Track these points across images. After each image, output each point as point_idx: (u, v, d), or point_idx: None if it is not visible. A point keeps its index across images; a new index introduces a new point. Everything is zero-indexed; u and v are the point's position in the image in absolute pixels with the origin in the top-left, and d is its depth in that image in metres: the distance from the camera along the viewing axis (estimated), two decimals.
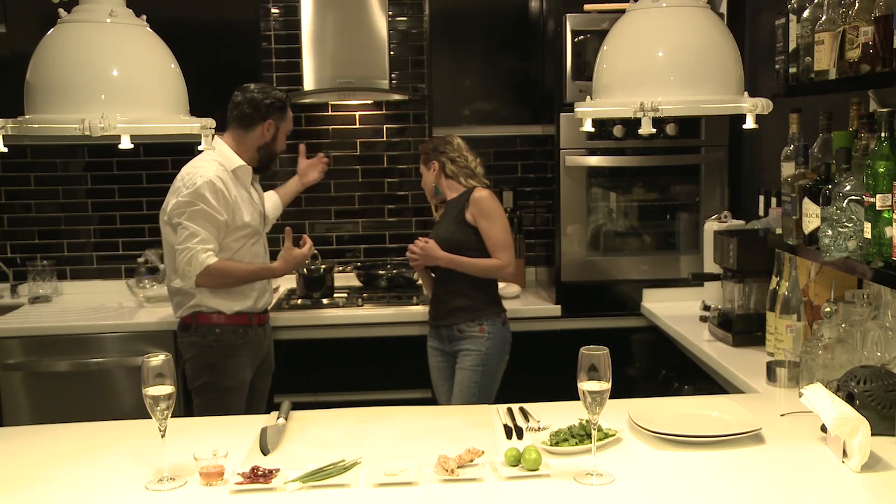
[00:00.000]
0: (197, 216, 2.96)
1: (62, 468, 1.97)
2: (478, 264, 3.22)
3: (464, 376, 3.20)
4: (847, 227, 2.12)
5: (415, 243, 3.28)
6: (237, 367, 3.10)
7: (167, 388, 1.83)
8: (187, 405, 3.41)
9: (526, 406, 2.29)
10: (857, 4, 2.14)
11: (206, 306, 3.08)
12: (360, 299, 3.80)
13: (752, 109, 2.09)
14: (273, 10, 4.17)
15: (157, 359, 1.83)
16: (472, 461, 1.88)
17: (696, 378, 3.00)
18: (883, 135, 2.00)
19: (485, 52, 3.98)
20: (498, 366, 3.24)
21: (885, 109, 2.04)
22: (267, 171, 3.28)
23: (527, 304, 3.79)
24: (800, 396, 2.11)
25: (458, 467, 1.85)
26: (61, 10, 1.99)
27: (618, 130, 3.61)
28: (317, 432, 2.14)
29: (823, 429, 1.97)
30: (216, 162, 3.04)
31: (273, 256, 3.26)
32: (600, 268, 3.76)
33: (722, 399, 2.30)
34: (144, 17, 2.05)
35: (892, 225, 1.94)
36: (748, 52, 3.59)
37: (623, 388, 2.30)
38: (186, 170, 3.04)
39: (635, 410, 2.13)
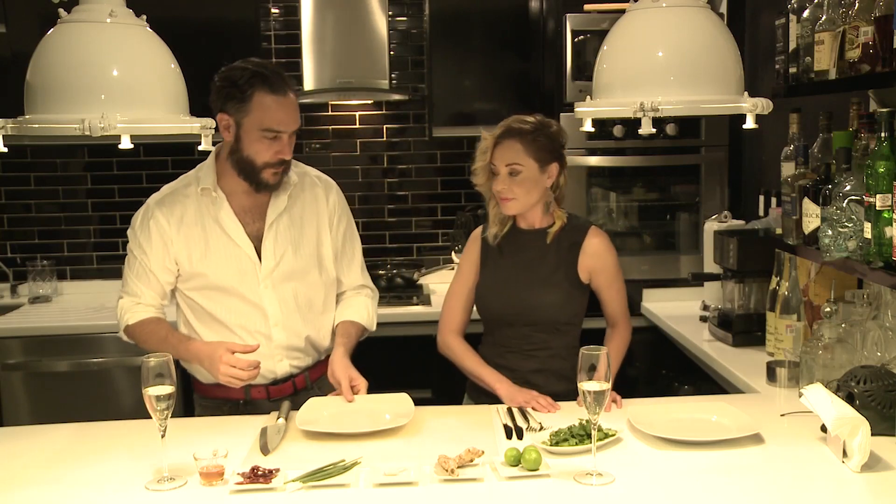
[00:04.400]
0: (129, 256, 2.36)
1: (62, 468, 1.96)
2: (619, 361, 2.44)
3: None
4: (847, 227, 2.12)
5: (538, 402, 2.27)
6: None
7: (167, 388, 1.83)
8: (187, 405, 3.42)
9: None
10: (857, 4, 2.14)
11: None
12: None
13: (752, 109, 2.09)
14: (273, 10, 4.17)
15: (157, 359, 1.83)
16: (472, 461, 1.88)
17: (696, 378, 3.00)
18: (883, 135, 2.00)
19: (485, 52, 3.98)
20: None
21: (885, 109, 2.04)
22: (264, 187, 2.28)
23: None
24: (800, 396, 2.11)
25: (458, 467, 1.85)
26: (61, 10, 1.99)
27: (618, 130, 3.61)
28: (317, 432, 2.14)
29: (823, 429, 1.97)
30: (186, 179, 2.38)
31: None
32: None
33: (721, 403, 2.29)
34: (144, 17, 2.05)
35: (892, 225, 1.94)
36: (748, 52, 3.59)
37: (623, 388, 2.31)
38: None
39: (635, 415, 2.12)
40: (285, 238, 2.36)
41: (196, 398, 2.53)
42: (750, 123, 2.13)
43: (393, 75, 4.02)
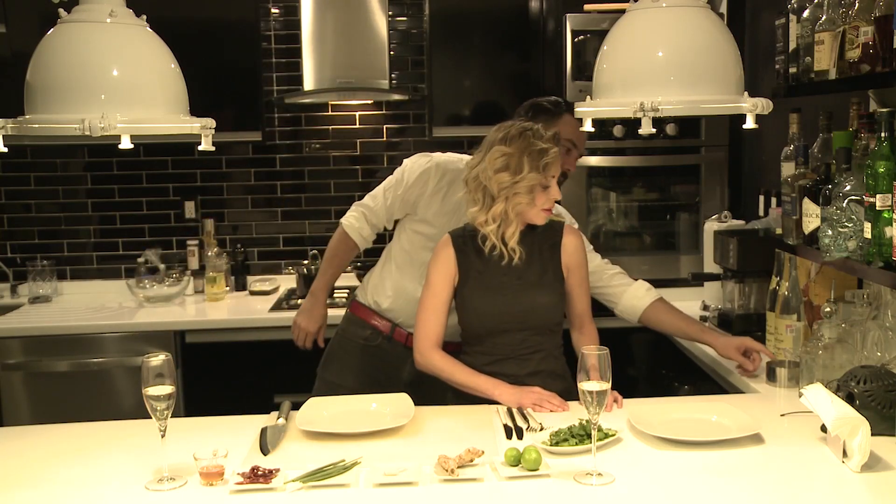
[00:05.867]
0: (392, 181, 2.85)
1: (62, 468, 1.97)
2: None
3: None
4: (847, 227, 2.12)
5: (549, 402, 2.24)
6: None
7: (167, 388, 1.83)
8: (187, 405, 3.42)
9: None
10: (857, 4, 2.14)
11: (360, 296, 2.96)
12: None
13: (752, 109, 2.09)
14: (273, 10, 4.17)
15: (157, 359, 1.84)
16: (472, 461, 1.88)
17: (696, 378, 3.00)
18: (883, 135, 2.01)
19: (485, 52, 3.98)
20: None
21: (885, 109, 2.04)
22: None
23: None
24: (800, 396, 2.11)
25: (458, 467, 1.85)
26: (61, 10, 1.99)
27: (618, 130, 3.61)
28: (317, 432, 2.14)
29: (823, 429, 1.97)
30: (456, 157, 2.84)
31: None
32: None
33: (721, 403, 2.29)
34: (144, 17, 2.05)
35: (892, 225, 1.94)
36: (748, 52, 3.59)
37: (623, 388, 2.31)
38: None
39: (635, 415, 2.12)
40: None
41: (346, 315, 2.99)
42: (750, 123, 2.12)
43: (393, 75, 4.02)
